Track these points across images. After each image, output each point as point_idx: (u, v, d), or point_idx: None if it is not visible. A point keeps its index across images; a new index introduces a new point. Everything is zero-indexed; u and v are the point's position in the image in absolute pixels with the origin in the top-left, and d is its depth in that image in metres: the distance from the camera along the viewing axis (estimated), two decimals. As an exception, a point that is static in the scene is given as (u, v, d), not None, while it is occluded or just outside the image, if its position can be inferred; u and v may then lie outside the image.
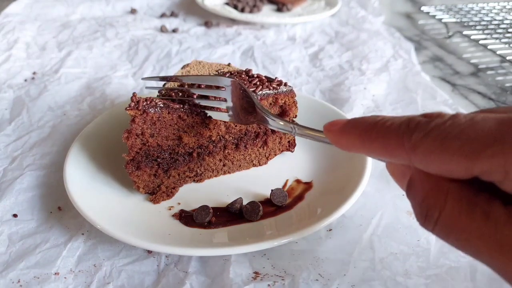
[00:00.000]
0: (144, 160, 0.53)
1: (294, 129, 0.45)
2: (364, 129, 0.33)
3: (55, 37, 1.04)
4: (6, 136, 0.68)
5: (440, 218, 0.29)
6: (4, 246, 0.49)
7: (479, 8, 1.25)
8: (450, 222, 0.29)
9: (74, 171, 0.54)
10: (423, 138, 0.29)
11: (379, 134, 0.31)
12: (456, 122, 0.28)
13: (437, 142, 0.28)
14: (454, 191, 0.29)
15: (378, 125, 0.32)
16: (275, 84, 0.58)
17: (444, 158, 0.28)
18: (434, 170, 0.29)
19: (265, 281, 0.44)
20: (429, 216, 0.30)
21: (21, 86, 0.83)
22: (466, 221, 0.28)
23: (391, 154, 0.31)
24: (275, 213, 0.52)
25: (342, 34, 1.07)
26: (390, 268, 0.45)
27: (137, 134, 0.51)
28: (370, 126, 0.32)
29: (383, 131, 0.31)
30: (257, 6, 1.18)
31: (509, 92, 0.83)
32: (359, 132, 0.33)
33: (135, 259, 0.47)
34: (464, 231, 0.28)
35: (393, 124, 0.31)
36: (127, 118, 0.51)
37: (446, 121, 0.29)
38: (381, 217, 0.52)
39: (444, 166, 0.28)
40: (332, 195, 0.52)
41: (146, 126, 0.51)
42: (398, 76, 0.86)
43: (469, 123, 0.28)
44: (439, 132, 0.28)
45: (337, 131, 0.35)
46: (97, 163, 0.57)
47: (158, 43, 1.01)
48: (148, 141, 0.52)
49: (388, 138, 0.31)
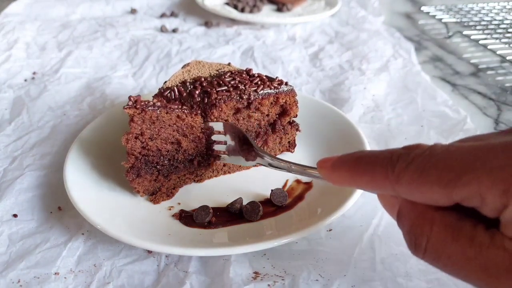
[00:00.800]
0: (144, 167, 0.53)
1: (290, 167, 0.47)
2: (352, 164, 0.35)
3: (55, 37, 1.04)
4: (6, 136, 0.68)
5: (428, 245, 0.30)
6: (4, 246, 0.49)
7: (479, 8, 1.25)
8: (438, 248, 0.30)
9: (74, 171, 0.54)
10: (405, 170, 0.30)
11: (366, 168, 0.33)
12: (433, 152, 0.30)
13: (417, 173, 0.30)
14: (439, 219, 0.30)
15: (364, 160, 0.34)
16: (276, 83, 0.58)
17: (425, 187, 0.29)
18: (418, 199, 0.31)
19: (265, 281, 0.44)
20: (418, 244, 0.31)
21: (21, 86, 0.83)
22: (452, 246, 0.29)
23: (378, 186, 0.33)
24: (275, 213, 0.52)
25: (342, 34, 1.07)
26: (391, 269, 0.45)
27: (136, 136, 0.51)
28: (357, 161, 0.34)
29: (369, 165, 0.33)
30: (257, 6, 1.18)
31: (509, 92, 0.83)
32: (348, 168, 0.35)
33: (135, 259, 0.47)
34: (451, 256, 0.29)
35: (377, 158, 0.33)
36: (127, 118, 0.51)
37: (424, 151, 0.30)
38: (381, 217, 0.52)
39: (426, 195, 0.30)
40: (332, 195, 0.52)
41: (145, 126, 0.51)
42: (398, 76, 0.86)
43: (445, 153, 0.29)
44: (418, 163, 0.30)
45: (329, 168, 0.37)
46: (97, 163, 0.57)
47: (158, 43, 1.01)
48: (148, 144, 0.52)
49: (374, 171, 0.33)
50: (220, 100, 0.54)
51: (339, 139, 0.61)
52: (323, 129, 0.65)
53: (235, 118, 0.57)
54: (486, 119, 0.74)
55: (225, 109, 0.55)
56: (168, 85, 0.56)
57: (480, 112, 0.76)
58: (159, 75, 0.87)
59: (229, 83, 0.56)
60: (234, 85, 0.56)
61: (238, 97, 0.55)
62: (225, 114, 0.55)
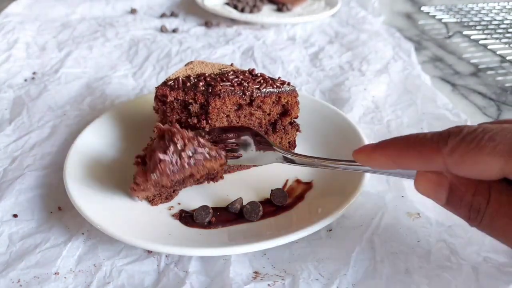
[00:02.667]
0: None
1: (314, 162, 0.49)
2: (398, 143, 0.37)
3: (55, 37, 1.04)
4: (6, 136, 0.68)
5: (484, 216, 0.34)
6: (4, 246, 0.49)
7: (479, 8, 1.25)
8: (493, 218, 0.34)
9: (74, 171, 0.54)
10: (459, 142, 0.33)
11: (414, 145, 0.36)
12: (487, 129, 0.33)
13: (473, 144, 0.32)
14: (494, 190, 0.34)
15: (412, 139, 0.36)
16: (278, 83, 0.58)
17: (480, 158, 0.32)
18: (468, 172, 0.33)
19: (265, 281, 0.44)
20: (473, 216, 0.35)
21: (21, 86, 0.83)
22: (505, 217, 0.33)
23: (427, 162, 0.35)
24: (275, 213, 0.52)
25: (342, 34, 1.07)
26: (391, 267, 0.45)
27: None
28: (404, 140, 0.37)
29: (418, 142, 0.36)
30: (257, 6, 1.18)
31: (509, 92, 0.83)
32: (393, 148, 0.37)
33: (135, 259, 0.47)
34: (505, 226, 0.33)
35: (426, 135, 0.35)
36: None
37: (476, 128, 0.33)
38: (381, 217, 0.52)
39: (479, 166, 0.32)
40: (332, 195, 0.52)
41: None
42: (398, 78, 0.86)
43: (500, 128, 0.32)
44: (473, 136, 0.32)
45: (369, 151, 0.40)
46: (97, 164, 0.57)
47: (158, 43, 1.01)
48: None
49: (424, 147, 0.35)
50: (224, 93, 0.54)
51: (339, 139, 0.62)
52: (323, 129, 0.65)
53: (237, 115, 0.57)
54: (486, 119, 0.74)
55: (227, 102, 0.55)
56: (171, 77, 0.57)
57: (480, 112, 0.76)
58: (159, 75, 0.87)
59: (233, 80, 0.56)
60: (237, 82, 0.56)
61: (241, 92, 0.55)
62: (227, 108, 0.55)
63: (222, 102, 0.54)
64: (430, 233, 0.50)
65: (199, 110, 0.55)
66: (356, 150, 0.41)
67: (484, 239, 0.49)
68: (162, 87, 0.56)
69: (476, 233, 0.49)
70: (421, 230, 0.50)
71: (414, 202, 0.54)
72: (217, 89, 0.54)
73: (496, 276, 0.44)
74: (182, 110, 0.56)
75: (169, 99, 0.55)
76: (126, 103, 0.69)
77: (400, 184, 0.57)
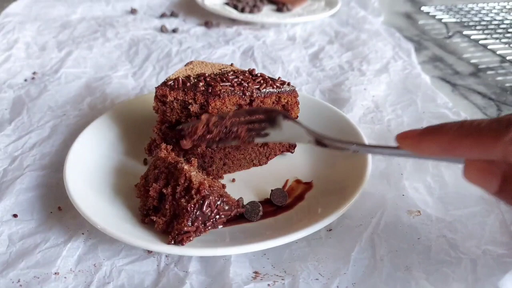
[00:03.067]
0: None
1: (351, 146, 0.45)
2: (451, 131, 0.35)
3: (55, 37, 1.04)
4: (6, 136, 0.68)
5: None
6: (4, 246, 0.49)
7: (479, 8, 1.25)
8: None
9: (74, 171, 0.54)
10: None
11: (470, 133, 0.34)
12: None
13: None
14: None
15: (465, 126, 0.35)
16: (279, 83, 0.58)
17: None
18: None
19: (265, 280, 0.44)
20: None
21: (21, 86, 0.83)
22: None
23: (485, 150, 0.34)
24: (275, 213, 0.52)
25: (342, 34, 1.07)
26: (391, 265, 0.46)
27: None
28: (458, 128, 0.35)
29: (474, 131, 0.34)
30: (257, 6, 1.18)
31: (509, 92, 0.83)
32: (445, 135, 0.35)
33: (135, 259, 0.47)
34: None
35: (481, 123, 0.34)
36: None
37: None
38: (381, 216, 0.52)
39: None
40: (332, 195, 0.52)
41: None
42: (398, 78, 0.86)
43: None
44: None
45: (416, 136, 0.37)
46: (97, 163, 0.57)
47: (158, 43, 1.01)
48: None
49: (481, 135, 0.33)
50: (224, 93, 0.54)
51: (339, 139, 0.61)
52: (323, 129, 0.64)
53: None
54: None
55: (227, 102, 0.55)
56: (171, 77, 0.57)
57: (480, 112, 0.76)
58: (159, 75, 0.87)
59: (233, 80, 0.56)
60: (237, 82, 0.56)
61: (241, 93, 0.55)
62: (227, 108, 0.55)
63: (222, 102, 0.54)
64: (431, 229, 0.50)
65: (199, 110, 0.55)
66: (399, 135, 0.39)
67: (484, 232, 0.49)
68: (162, 87, 0.56)
69: (477, 226, 0.50)
70: (421, 227, 0.50)
71: (415, 199, 0.54)
72: (217, 89, 0.54)
73: (493, 267, 0.45)
74: (182, 110, 0.56)
75: (169, 99, 0.55)
76: (126, 103, 0.69)
77: (401, 183, 0.57)
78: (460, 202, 0.54)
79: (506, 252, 0.46)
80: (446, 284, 0.43)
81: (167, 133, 0.58)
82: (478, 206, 0.53)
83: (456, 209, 0.53)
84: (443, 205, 0.54)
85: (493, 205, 0.53)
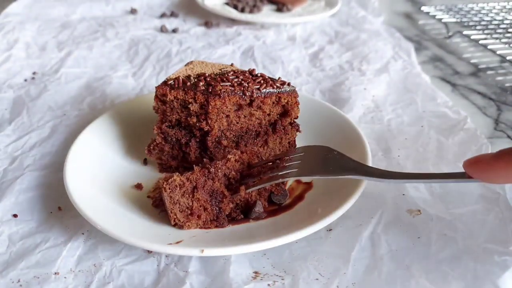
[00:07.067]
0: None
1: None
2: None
3: (55, 37, 1.04)
4: (6, 136, 0.68)
5: None
6: (4, 246, 0.49)
7: (479, 8, 1.25)
8: None
9: (74, 171, 0.54)
10: None
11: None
12: None
13: None
14: None
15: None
16: (278, 83, 0.58)
17: None
18: None
19: (265, 280, 0.44)
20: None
21: (21, 86, 0.83)
22: None
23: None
24: (275, 213, 0.52)
25: (342, 34, 1.07)
26: (390, 264, 0.46)
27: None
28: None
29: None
30: (257, 6, 1.18)
31: (509, 92, 0.83)
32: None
33: (135, 259, 0.47)
34: None
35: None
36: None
37: None
38: (381, 216, 0.52)
39: None
40: (332, 195, 0.52)
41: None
42: (398, 77, 0.86)
43: None
44: None
45: (487, 164, 0.34)
46: (97, 163, 0.57)
47: (158, 43, 1.01)
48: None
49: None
50: (224, 93, 0.54)
51: (339, 139, 0.61)
52: (323, 129, 0.64)
53: (237, 115, 0.57)
54: (486, 119, 0.74)
55: (227, 102, 0.55)
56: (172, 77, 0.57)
57: (480, 112, 0.76)
58: (159, 75, 0.87)
59: (233, 80, 0.56)
60: (237, 82, 0.56)
61: (241, 93, 0.55)
62: (227, 108, 0.55)
63: (222, 102, 0.54)
64: (431, 228, 0.50)
65: (199, 109, 0.55)
66: (468, 162, 0.35)
67: (484, 231, 0.49)
68: (162, 86, 0.56)
69: (477, 225, 0.50)
70: (421, 226, 0.51)
71: (415, 199, 0.54)
72: (217, 89, 0.54)
73: (492, 264, 0.45)
74: (182, 109, 0.56)
75: (169, 98, 0.55)
76: (126, 103, 0.69)
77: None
78: (460, 200, 0.54)
79: (505, 250, 0.47)
80: (446, 282, 0.43)
81: (167, 133, 0.58)
82: (478, 204, 0.53)
83: (456, 208, 0.53)
84: (443, 204, 0.54)
85: (493, 204, 0.53)
